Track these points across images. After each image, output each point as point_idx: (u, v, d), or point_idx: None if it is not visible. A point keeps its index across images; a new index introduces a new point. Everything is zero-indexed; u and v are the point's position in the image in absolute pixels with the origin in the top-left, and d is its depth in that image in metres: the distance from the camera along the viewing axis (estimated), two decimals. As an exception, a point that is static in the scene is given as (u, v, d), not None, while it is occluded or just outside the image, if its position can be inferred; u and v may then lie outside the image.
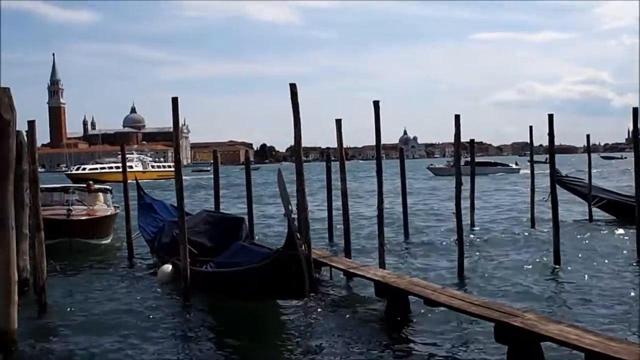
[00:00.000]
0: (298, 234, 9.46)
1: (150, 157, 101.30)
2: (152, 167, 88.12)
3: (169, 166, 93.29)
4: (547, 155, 22.24)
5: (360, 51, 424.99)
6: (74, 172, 78.67)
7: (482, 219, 24.00)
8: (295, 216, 9.55)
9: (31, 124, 11.79)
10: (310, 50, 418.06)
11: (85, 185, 22.64)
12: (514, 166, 71.06)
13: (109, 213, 21.09)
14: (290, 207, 9.41)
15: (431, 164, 66.81)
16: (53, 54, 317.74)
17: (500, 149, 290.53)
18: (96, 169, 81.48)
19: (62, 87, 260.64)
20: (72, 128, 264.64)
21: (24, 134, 12.34)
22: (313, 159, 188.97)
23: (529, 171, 23.12)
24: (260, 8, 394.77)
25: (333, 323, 10.58)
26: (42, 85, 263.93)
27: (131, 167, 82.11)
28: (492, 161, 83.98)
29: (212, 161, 26.99)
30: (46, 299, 11.20)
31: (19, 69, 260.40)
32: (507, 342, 8.27)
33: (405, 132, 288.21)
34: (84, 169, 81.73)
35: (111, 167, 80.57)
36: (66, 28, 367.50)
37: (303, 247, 9.55)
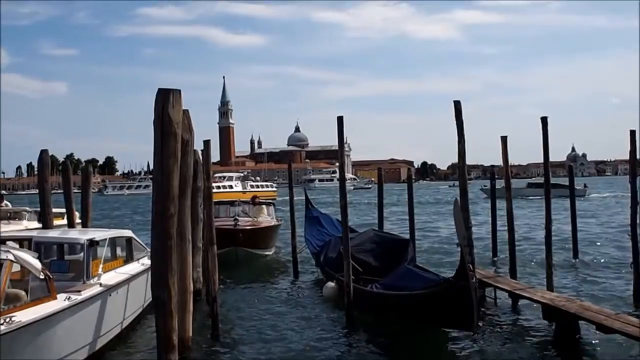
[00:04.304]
0: (471, 265, 9.27)
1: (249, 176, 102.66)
2: (251, 186, 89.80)
3: (266, 186, 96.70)
4: None
5: (524, 66, 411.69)
6: None
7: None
8: (468, 247, 9.31)
9: (207, 143, 12.43)
10: (471, 67, 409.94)
11: (250, 199, 24.00)
12: (580, 187, 56.87)
13: (272, 224, 22.08)
14: (465, 237, 9.21)
15: (485, 185, 61.27)
16: (223, 77, 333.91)
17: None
18: None
19: (232, 108, 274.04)
20: (240, 147, 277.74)
21: (200, 152, 13.05)
22: (475, 177, 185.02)
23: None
24: (420, 27, 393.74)
25: (499, 347, 10.30)
26: (213, 106, 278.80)
27: (231, 186, 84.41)
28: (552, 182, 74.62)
29: (372, 179, 27.32)
30: (217, 309, 11.72)
31: (193, 91, 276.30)
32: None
33: (573, 149, 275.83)
34: None
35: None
36: (235, 52, 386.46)
37: (474, 280, 9.34)
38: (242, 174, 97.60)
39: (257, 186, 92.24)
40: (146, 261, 11.67)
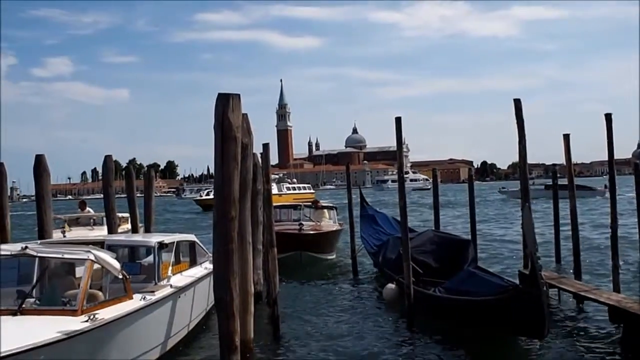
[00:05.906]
0: (542, 274, 9.07)
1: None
2: (287, 189, 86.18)
3: (303, 187, 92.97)
4: None
5: (586, 61, 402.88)
6: (201, 197, 78.59)
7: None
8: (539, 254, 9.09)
9: (265, 146, 12.55)
10: (531, 63, 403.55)
11: (312, 202, 24.11)
12: (600, 188, 58.45)
13: (334, 228, 22.11)
14: (535, 245, 9.02)
15: (503, 187, 58.87)
16: (281, 80, 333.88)
17: None
18: None
19: (289, 111, 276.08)
20: (298, 149, 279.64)
21: (259, 155, 13.18)
22: (537, 175, 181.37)
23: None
24: (478, 24, 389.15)
25: (563, 350, 10.09)
26: (271, 109, 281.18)
27: None
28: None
29: (431, 179, 27.02)
30: (278, 312, 11.81)
31: (251, 95, 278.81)
32: None
33: (639, 146, 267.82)
34: (208, 194, 77.70)
35: None
36: (291, 55, 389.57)
37: (545, 287, 9.14)
38: (277, 176, 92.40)
39: (294, 188, 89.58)
40: (208, 265, 11.83)
